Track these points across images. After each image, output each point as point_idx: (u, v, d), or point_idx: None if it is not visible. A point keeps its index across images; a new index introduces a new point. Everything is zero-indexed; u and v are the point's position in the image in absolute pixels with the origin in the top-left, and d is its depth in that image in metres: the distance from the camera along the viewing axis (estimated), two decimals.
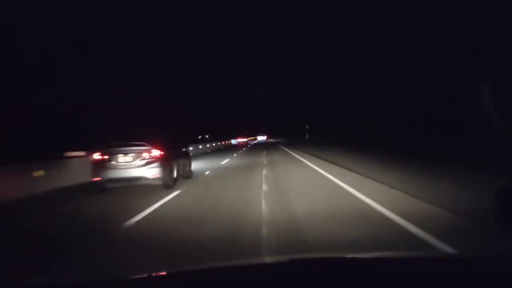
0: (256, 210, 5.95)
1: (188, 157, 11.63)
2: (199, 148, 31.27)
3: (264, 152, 26.04)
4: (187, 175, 11.09)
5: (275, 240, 4.23)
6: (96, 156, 8.66)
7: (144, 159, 8.58)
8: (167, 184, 8.86)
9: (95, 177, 8.57)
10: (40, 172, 10.03)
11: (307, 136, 79.60)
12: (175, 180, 9.42)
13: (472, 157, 12.15)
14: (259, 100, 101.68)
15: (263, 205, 6.29)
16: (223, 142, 50.90)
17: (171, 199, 7.56)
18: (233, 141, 64.52)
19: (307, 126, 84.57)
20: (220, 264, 2.02)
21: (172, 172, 9.23)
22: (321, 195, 7.22)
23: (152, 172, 8.56)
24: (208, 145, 36.73)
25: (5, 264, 3.83)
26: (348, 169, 11.46)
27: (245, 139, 73.99)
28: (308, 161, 15.91)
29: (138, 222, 5.64)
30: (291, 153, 23.54)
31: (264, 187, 8.60)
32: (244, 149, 36.68)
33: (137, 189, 8.81)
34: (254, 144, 55.31)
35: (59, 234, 5.19)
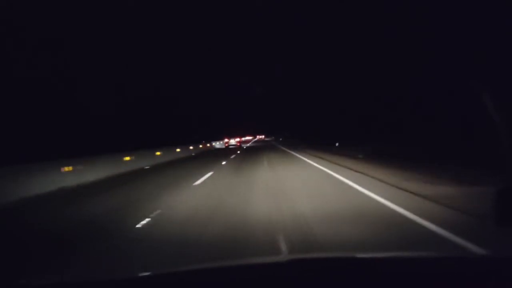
0: (262, 150, 35.71)
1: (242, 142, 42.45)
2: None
3: (262, 142, 56.45)
4: (242, 147, 41.40)
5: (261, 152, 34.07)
6: (225, 140, 39.70)
7: (235, 141, 39.68)
8: (240, 147, 39.13)
9: (226, 145, 39.57)
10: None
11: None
12: (241, 147, 39.82)
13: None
14: (257, 100, 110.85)
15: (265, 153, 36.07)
16: None
17: (235, 155, 37.28)
18: (242, 139, 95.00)
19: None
20: (218, 264, 2.07)
21: (241, 145, 40.07)
22: (277, 152, 37.24)
23: (236, 144, 39.62)
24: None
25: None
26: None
27: (251, 137, 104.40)
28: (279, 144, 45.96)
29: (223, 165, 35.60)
30: (273, 142, 53.84)
31: (266, 149, 38.25)
32: (251, 142, 67.97)
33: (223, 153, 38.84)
34: (255, 141, 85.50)
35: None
